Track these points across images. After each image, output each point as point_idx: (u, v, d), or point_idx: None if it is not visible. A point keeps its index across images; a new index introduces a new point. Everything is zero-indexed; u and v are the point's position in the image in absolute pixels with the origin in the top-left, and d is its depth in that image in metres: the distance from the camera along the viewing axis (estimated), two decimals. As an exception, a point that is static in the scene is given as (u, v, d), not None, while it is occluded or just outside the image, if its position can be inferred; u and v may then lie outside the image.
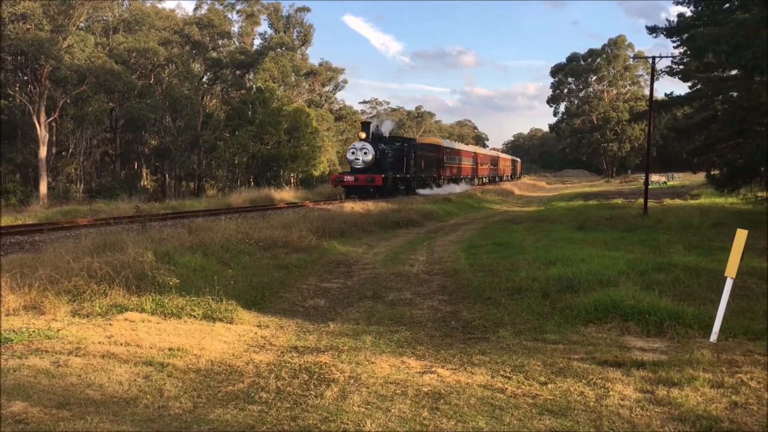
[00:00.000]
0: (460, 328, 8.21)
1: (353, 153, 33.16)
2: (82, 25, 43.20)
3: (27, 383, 5.43)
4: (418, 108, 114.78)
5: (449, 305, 9.53)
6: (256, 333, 7.85)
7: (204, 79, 52.83)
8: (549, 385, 5.92)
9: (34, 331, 7.24)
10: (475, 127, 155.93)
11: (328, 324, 8.39)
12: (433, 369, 6.42)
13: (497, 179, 69.88)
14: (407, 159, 36.60)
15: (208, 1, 57.39)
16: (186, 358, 6.57)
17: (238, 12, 59.49)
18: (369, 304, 9.62)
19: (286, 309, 9.36)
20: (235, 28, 58.82)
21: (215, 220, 16.29)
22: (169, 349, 6.76)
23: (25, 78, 40.82)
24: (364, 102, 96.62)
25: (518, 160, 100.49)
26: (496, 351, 7.11)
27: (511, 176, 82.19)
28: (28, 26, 37.49)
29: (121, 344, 6.86)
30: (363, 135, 33.56)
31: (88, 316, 8.07)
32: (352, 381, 6.01)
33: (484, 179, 61.89)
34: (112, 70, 41.02)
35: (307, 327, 8.26)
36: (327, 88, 70.48)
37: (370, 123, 36.01)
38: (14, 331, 7.25)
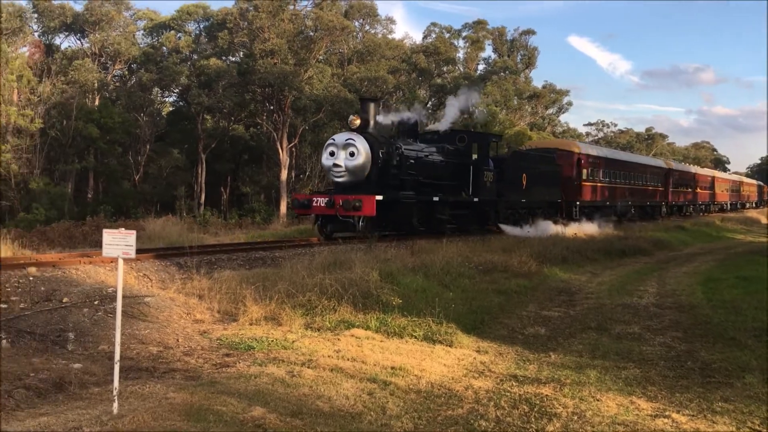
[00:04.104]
0: (697, 369, 7.49)
1: (332, 154, 17.31)
2: (320, 57, 46.77)
3: (265, 390, 5.88)
4: (648, 129, 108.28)
5: (684, 343, 8.76)
6: (474, 358, 7.81)
7: (428, 105, 54.54)
8: (808, 446, 5.17)
9: (272, 341, 7.86)
10: (714, 149, 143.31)
11: (549, 354, 8.11)
12: (666, 413, 5.91)
13: (739, 206, 63.50)
14: (477, 171, 20.90)
15: (436, 30, 59.26)
16: (407, 378, 6.70)
17: (464, 38, 60.71)
18: (593, 336, 9.15)
19: (505, 335, 9.21)
20: (460, 54, 60.07)
21: (436, 243, 16.59)
22: (392, 368, 6.95)
23: (271, 108, 45.07)
24: (589, 124, 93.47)
25: (765, 186, 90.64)
26: (742, 399, 6.36)
27: (756, 203, 74.27)
28: (275, 61, 41.42)
29: (348, 359, 7.19)
30: (357, 121, 17.53)
31: (319, 330, 8.59)
32: (575, 418, 5.72)
33: (725, 206, 56.50)
34: (345, 98, 43.90)
35: (527, 356, 8.05)
36: (550, 111, 69.19)
37: (374, 99, 19.77)
38: (256, 339, 7.93)
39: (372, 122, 17.99)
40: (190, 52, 46.86)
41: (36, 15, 46.87)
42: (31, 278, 9.15)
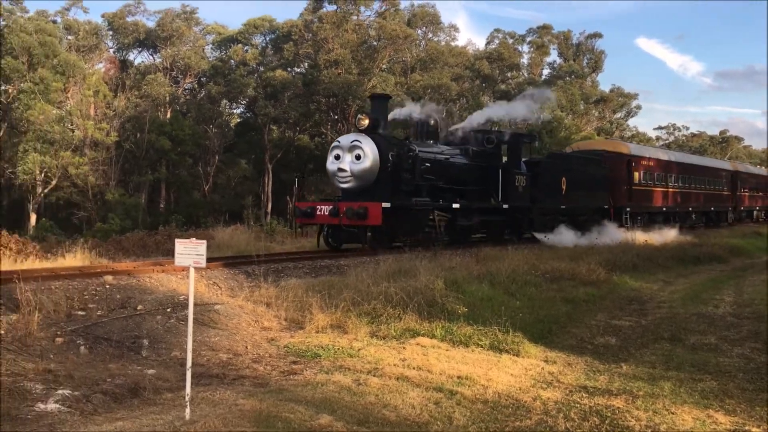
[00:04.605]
0: (779, 383, 7.16)
1: (337, 157, 16.19)
2: (384, 66, 47.07)
3: (332, 398, 5.92)
4: (722, 132, 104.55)
5: (764, 355, 8.38)
6: (542, 368, 7.67)
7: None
8: None
9: (338, 349, 7.92)
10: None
11: (620, 365, 7.90)
12: (746, 428, 5.67)
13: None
14: (506, 174, 19.39)
15: (499, 36, 58.86)
16: (474, 387, 6.64)
17: (528, 44, 60.07)
18: (666, 347, 8.86)
19: (574, 345, 9.02)
20: (524, 60, 59.45)
21: (501, 250, 16.40)
22: (458, 377, 6.90)
23: (335, 117, 45.60)
24: (660, 128, 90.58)
25: None
26: (828, 415, 6.04)
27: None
28: (339, 71, 41.92)
29: (414, 368, 7.17)
30: (365, 121, 16.19)
31: (384, 338, 8.60)
32: (649, 431, 5.55)
33: None
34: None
35: (597, 366, 7.86)
36: (618, 115, 67.66)
37: (386, 97, 18.37)
38: (322, 347, 8.00)
39: (384, 122, 16.72)
40: (256, 64, 47.96)
41: (111, 32, 48.88)
42: (107, 286, 9.49)
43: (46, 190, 38.34)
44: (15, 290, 8.14)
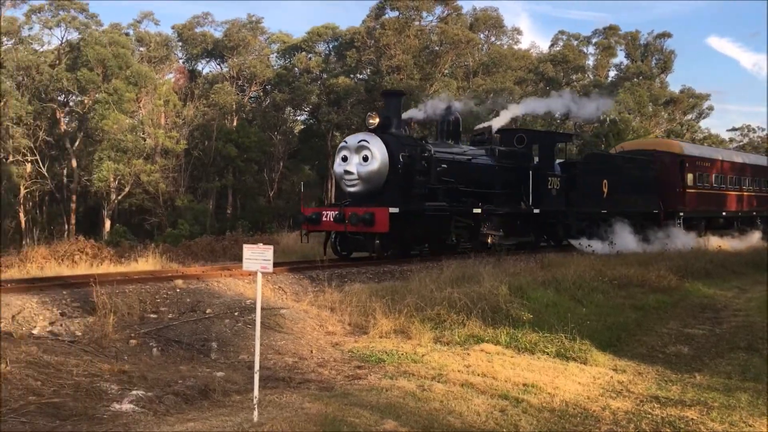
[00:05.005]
0: None
1: (344, 159, 15.06)
2: (446, 71, 46.99)
3: (397, 403, 5.92)
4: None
5: None
6: (611, 377, 7.49)
7: (557, 115, 53.33)
8: None
9: (402, 354, 7.92)
10: None
11: (693, 375, 7.64)
12: (830, 443, 5.40)
13: None
14: (538, 177, 18.05)
15: (563, 38, 57.95)
16: (540, 395, 6.53)
17: (593, 45, 58.92)
18: (743, 357, 8.53)
19: (644, 354, 8.78)
20: (589, 62, 58.33)
21: (567, 256, 16.10)
22: (524, 385, 6.81)
23: (397, 123, 45.74)
24: (733, 129, 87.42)
25: None
26: None
27: None
28: (401, 77, 42.05)
29: (478, 375, 7.11)
30: (374, 120, 15.00)
31: (448, 344, 8.56)
32: (724, 444, 5.36)
33: None
34: (470, 110, 43.79)
35: (668, 376, 7.62)
36: (689, 117, 65.61)
37: (399, 94, 17.90)
38: (386, 352, 8.02)
39: (397, 121, 15.47)
40: (320, 71, 48.59)
41: (180, 43, 50.36)
42: (178, 290, 9.77)
43: (119, 197, 39.79)
44: (92, 293, 8.46)
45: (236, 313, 8.98)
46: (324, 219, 14.59)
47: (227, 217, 43.96)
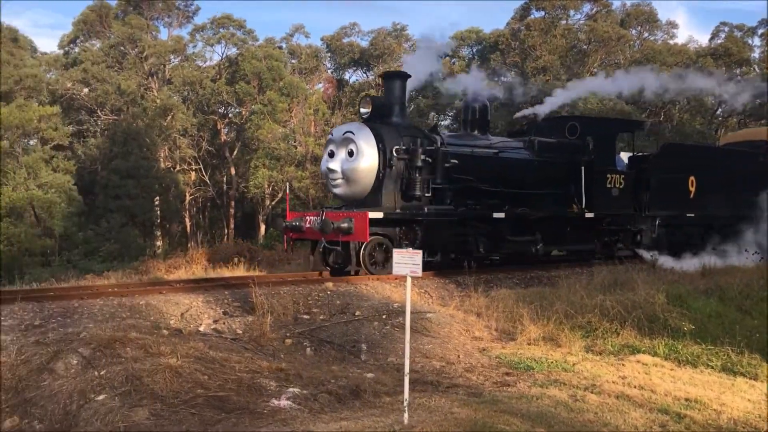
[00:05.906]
0: None
1: (331, 154, 12.75)
2: (594, 70, 45.32)
3: (548, 413, 5.77)
4: None
5: None
6: (786, 395, 6.87)
7: (718, 112, 49.93)
8: None
9: (552, 362, 7.72)
10: None
11: None
12: None
13: None
14: (593, 173, 15.06)
15: (725, 29, 54.10)
16: (705, 412, 6.12)
17: (760, 36, 54.54)
18: None
19: (825, 372, 7.97)
20: (755, 54, 54.03)
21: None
22: (686, 399, 6.41)
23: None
24: None
25: None
26: None
27: None
28: (547, 78, 41.09)
29: (635, 387, 6.78)
30: (367, 108, 12.90)
31: (600, 354, 8.25)
32: None
33: None
34: (622, 110, 41.97)
35: None
36: None
37: (403, 76, 13.33)
38: (535, 359, 7.85)
39: (399, 108, 13.09)
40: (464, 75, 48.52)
41: (329, 54, 52.26)
42: (328, 292, 10.12)
43: (273, 202, 41.87)
44: (250, 294, 8.96)
45: (384, 316, 9.16)
46: (307, 226, 12.45)
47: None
